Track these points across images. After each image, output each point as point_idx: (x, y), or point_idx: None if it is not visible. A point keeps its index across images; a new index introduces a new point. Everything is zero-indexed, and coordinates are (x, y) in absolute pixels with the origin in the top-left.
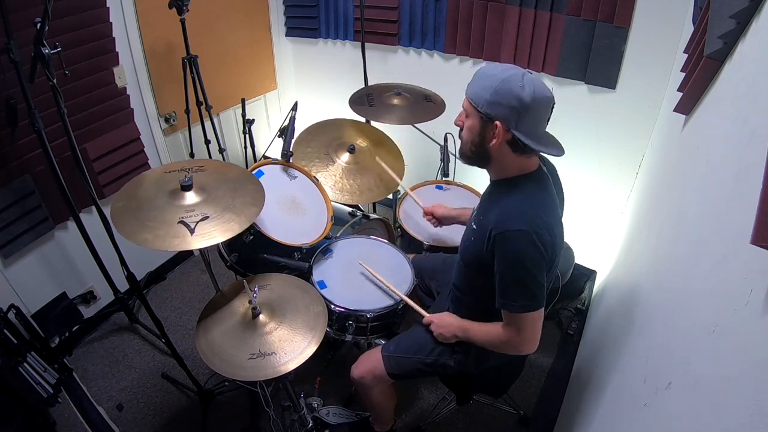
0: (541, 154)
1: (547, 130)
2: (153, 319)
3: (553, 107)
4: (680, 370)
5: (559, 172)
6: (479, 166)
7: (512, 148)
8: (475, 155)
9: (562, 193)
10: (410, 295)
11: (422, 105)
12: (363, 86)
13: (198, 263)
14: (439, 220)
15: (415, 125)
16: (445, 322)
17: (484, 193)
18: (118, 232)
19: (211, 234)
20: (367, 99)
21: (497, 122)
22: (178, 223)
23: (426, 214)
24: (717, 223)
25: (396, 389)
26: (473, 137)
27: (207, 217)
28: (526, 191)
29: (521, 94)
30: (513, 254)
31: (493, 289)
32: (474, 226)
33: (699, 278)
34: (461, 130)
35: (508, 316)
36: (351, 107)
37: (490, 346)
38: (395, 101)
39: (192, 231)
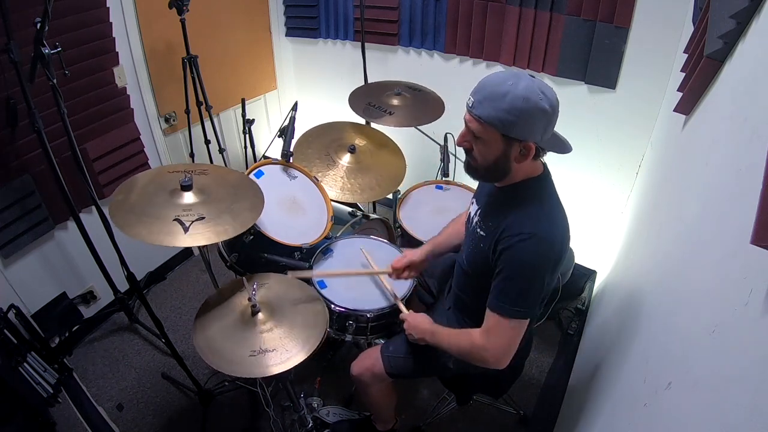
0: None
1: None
2: (153, 319)
3: None
4: (680, 370)
5: (559, 172)
6: (492, 182)
7: (533, 157)
8: (492, 173)
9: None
10: (410, 294)
11: (422, 106)
12: (362, 86)
13: (198, 263)
14: (415, 268)
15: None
16: (416, 323)
17: (485, 199)
18: (114, 224)
19: (205, 235)
20: (369, 103)
21: (530, 142)
22: (174, 220)
23: (397, 273)
24: (717, 223)
25: (396, 388)
26: (495, 158)
27: (203, 218)
28: (538, 197)
29: (545, 107)
30: (523, 258)
31: None
32: (481, 233)
33: (699, 278)
34: (470, 149)
35: (495, 319)
36: (350, 105)
37: (458, 353)
38: (395, 102)
39: (186, 229)
